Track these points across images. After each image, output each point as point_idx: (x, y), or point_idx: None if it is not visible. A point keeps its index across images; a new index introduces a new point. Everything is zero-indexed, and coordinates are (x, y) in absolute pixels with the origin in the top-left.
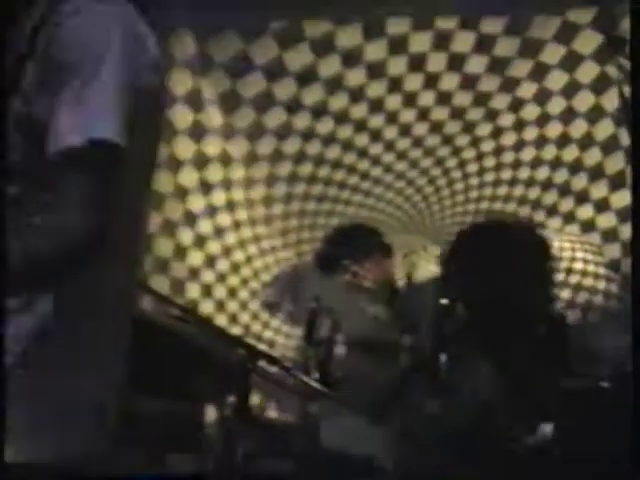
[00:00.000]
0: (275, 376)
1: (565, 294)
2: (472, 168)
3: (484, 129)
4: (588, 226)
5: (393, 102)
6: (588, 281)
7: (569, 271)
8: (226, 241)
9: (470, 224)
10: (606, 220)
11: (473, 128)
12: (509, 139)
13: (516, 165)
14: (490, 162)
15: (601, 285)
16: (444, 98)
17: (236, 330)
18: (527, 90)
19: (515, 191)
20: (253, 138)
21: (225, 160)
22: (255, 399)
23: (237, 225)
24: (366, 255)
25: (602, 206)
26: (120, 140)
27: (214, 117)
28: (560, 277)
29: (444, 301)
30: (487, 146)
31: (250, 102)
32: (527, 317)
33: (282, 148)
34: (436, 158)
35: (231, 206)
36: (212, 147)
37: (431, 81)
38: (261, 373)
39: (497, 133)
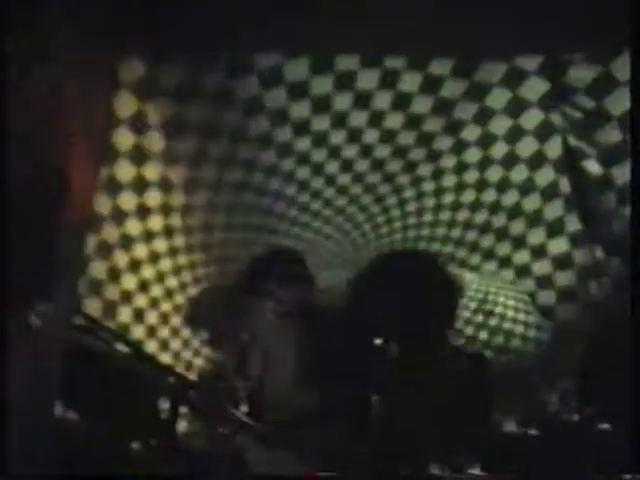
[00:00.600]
0: (204, 406)
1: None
2: (411, 207)
3: (425, 169)
4: (523, 271)
5: (336, 137)
6: (508, 324)
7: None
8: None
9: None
10: (542, 266)
11: (415, 168)
12: (450, 180)
13: (455, 207)
14: (430, 202)
15: (524, 331)
16: (387, 136)
17: (166, 357)
18: (471, 133)
19: (452, 233)
20: (194, 165)
21: (165, 185)
22: (182, 428)
23: (173, 251)
24: (290, 282)
25: (539, 252)
26: None
27: (156, 142)
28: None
29: (377, 341)
30: (427, 186)
31: (194, 129)
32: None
33: (224, 176)
34: (376, 195)
35: (168, 232)
36: (152, 172)
37: (376, 118)
38: (190, 402)
39: (438, 174)
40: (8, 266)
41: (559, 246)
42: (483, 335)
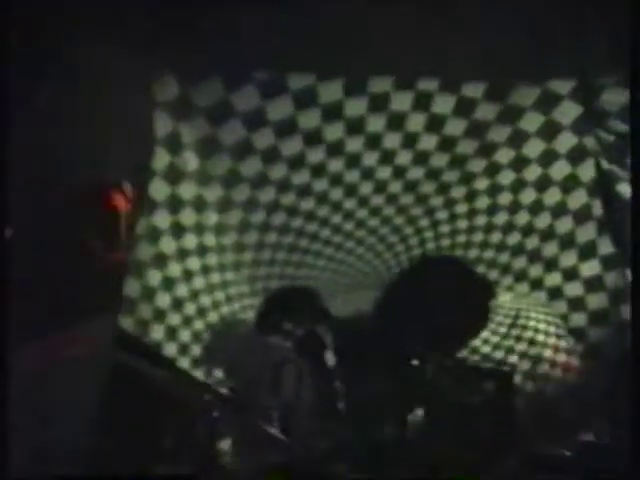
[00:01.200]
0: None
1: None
2: (444, 229)
3: (458, 191)
4: (556, 294)
5: (370, 158)
6: (540, 349)
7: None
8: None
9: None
10: (574, 288)
11: (448, 189)
12: (483, 202)
13: (488, 229)
14: (463, 224)
15: (557, 356)
16: (421, 157)
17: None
18: (504, 155)
19: (485, 254)
20: (228, 185)
21: (199, 205)
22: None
23: (206, 269)
24: (306, 319)
25: (571, 274)
26: None
27: (191, 161)
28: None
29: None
30: (460, 208)
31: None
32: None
33: (257, 196)
34: (408, 216)
35: (202, 251)
36: (187, 191)
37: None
38: (226, 420)
39: (471, 196)
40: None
41: (591, 268)
42: (513, 359)
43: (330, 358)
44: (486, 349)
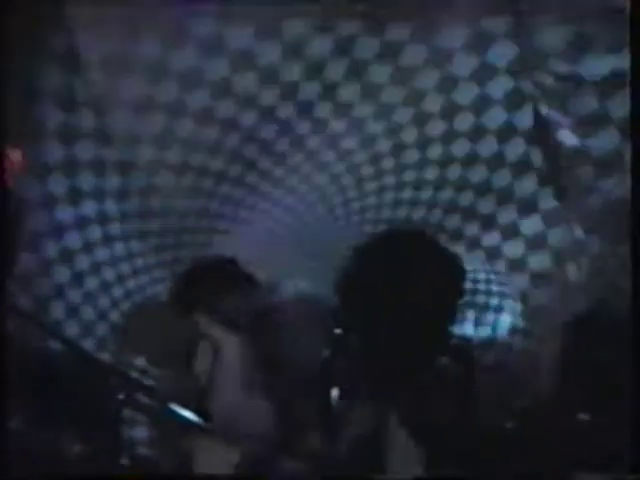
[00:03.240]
0: (149, 408)
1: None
2: (370, 186)
3: (385, 144)
4: (493, 254)
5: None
6: (491, 314)
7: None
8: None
9: (366, 239)
10: (514, 248)
11: (372, 143)
12: (412, 157)
13: (418, 185)
14: (390, 180)
15: (506, 318)
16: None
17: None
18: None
19: (415, 213)
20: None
21: (99, 168)
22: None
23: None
24: (228, 289)
25: (510, 232)
26: None
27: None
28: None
29: (337, 331)
30: (387, 163)
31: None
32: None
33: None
34: (331, 174)
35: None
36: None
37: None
38: (134, 404)
39: (399, 149)
40: None
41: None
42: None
43: (256, 338)
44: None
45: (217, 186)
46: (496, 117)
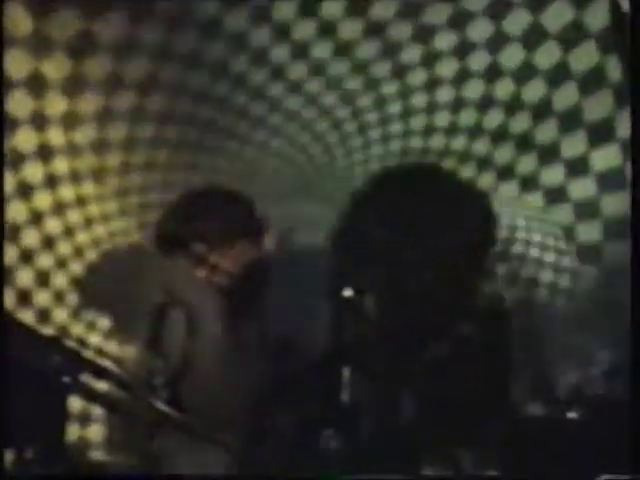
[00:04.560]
0: (106, 395)
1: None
2: (359, 156)
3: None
4: None
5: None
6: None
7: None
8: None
9: (374, 181)
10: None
11: (360, 115)
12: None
13: (404, 154)
14: (377, 150)
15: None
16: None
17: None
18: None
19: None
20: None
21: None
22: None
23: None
24: (227, 234)
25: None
26: None
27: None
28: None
29: (347, 293)
30: (374, 134)
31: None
32: (455, 313)
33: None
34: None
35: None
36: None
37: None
38: (86, 390)
39: (407, 91)
40: None
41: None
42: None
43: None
44: None
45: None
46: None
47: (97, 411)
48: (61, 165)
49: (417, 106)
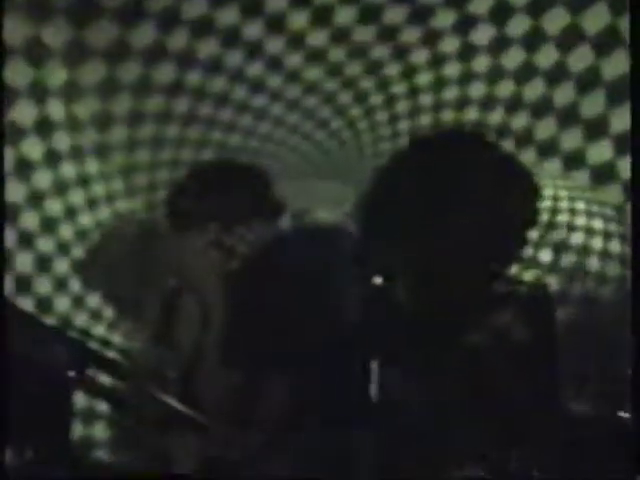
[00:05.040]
0: (112, 391)
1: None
2: (385, 131)
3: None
4: None
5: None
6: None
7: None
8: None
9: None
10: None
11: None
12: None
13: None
14: (404, 125)
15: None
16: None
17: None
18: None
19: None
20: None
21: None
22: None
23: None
24: (245, 213)
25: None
26: None
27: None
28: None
29: (377, 280)
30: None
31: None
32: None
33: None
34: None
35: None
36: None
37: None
38: (91, 384)
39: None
40: None
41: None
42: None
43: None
44: None
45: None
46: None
47: (102, 408)
48: (62, 141)
49: (449, 76)
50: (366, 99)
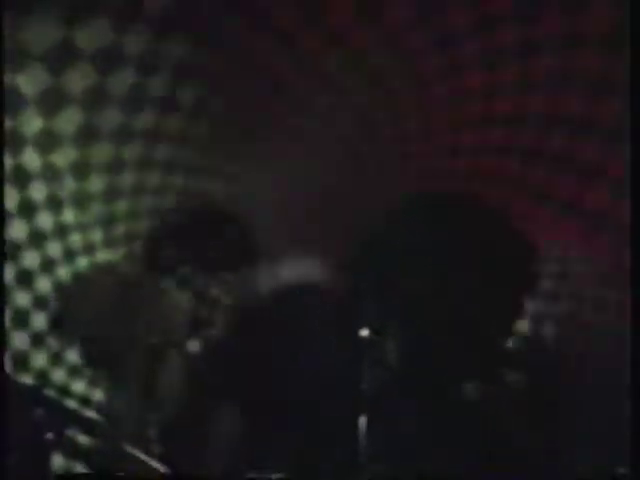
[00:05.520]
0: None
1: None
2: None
3: None
4: None
5: None
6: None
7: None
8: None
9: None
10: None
11: None
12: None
13: None
14: None
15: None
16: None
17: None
18: None
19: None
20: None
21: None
22: None
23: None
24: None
25: None
26: None
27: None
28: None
29: (366, 332)
30: None
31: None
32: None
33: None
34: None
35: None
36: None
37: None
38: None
39: None
40: None
41: None
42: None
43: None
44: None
45: None
46: None
47: (81, 469)
48: (39, 192)
49: None
50: None
